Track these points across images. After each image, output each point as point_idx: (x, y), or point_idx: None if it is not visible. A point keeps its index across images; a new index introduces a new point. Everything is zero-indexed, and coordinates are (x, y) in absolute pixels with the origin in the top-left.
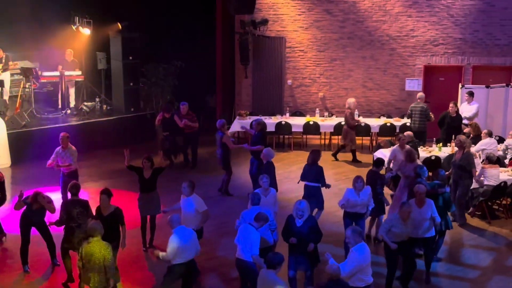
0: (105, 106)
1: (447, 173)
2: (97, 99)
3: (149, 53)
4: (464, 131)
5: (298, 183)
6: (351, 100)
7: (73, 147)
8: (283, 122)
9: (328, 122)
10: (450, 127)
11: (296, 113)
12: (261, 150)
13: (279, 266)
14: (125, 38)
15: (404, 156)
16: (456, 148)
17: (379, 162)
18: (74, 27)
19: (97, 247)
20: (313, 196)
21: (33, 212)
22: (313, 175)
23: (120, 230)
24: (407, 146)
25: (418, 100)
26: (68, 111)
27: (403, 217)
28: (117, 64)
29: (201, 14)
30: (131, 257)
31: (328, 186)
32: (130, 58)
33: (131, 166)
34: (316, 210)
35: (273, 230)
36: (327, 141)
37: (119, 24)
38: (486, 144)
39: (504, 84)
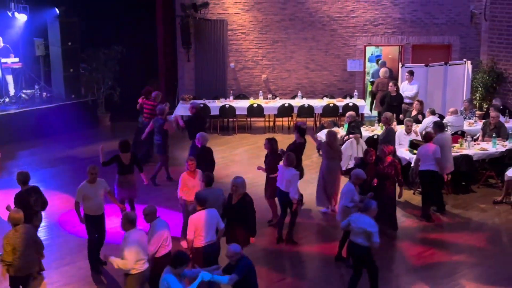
0: (44, 93)
1: None
2: (36, 86)
3: (89, 38)
4: (412, 110)
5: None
6: None
7: None
8: (227, 106)
9: (272, 104)
10: (390, 106)
11: (239, 96)
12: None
13: (180, 266)
14: (63, 23)
15: (327, 138)
16: (397, 126)
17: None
18: (9, 13)
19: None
20: None
21: None
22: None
23: None
24: (332, 130)
25: None
26: (7, 99)
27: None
28: (56, 50)
29: None
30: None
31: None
32: (69, 43)
33: (106, 162)
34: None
35: None
36: (271, 124)
37: (56, 9)
38: (431, 122)
39: (443, 62)
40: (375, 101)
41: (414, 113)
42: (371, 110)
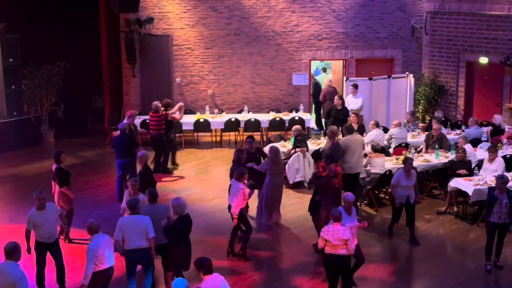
0: None
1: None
2: None
3: (31, 54)
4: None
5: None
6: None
7: None
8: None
9: (218, 119)
10: (336, 120)
11: (186, 111)
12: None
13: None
14: (4, 39)
15: (270, 154)
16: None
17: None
18: None
19: None
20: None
21: None
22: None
23: None
24: (273, 145)
25: None
26: None
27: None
28: None
29: (84, 13)
30: None
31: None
32: (11, 60)
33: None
34: None
35: None
36: (218, 138)
37: None
38: (375, 135)
39: (386, 76)
40: (322, 110)
41: (355, 127)
42: (318, 122)
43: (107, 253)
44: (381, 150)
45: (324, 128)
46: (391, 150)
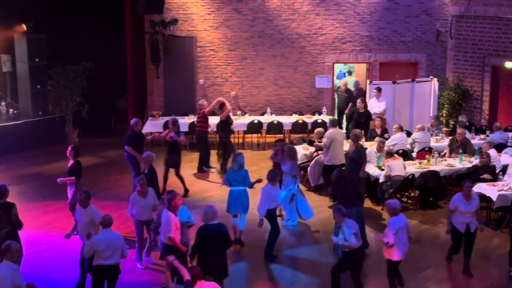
0: (11, 110)
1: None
2: (3, 103)
3: (56, 54)
4: (371, 127)
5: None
6: None
7: None
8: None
9: (241, 121)
10: (358, 123)
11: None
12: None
13: None
14: (30, 39)
15: (286, 154)
16: (366, 143)
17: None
18: None
19: None
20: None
21: None
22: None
23: None
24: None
25: None
26: None
27: None
28: (23, 67)
29: (109, 14)
30: None
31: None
32: (37, 60)
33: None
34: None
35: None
36: (240, 140)
37: (23, 25)
38: (398, 139)
39: (410, 79)
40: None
41: (379, 131)
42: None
43: (111, 250)
44: (404, 154)
45: (346, 131)
46: (414, 154)
